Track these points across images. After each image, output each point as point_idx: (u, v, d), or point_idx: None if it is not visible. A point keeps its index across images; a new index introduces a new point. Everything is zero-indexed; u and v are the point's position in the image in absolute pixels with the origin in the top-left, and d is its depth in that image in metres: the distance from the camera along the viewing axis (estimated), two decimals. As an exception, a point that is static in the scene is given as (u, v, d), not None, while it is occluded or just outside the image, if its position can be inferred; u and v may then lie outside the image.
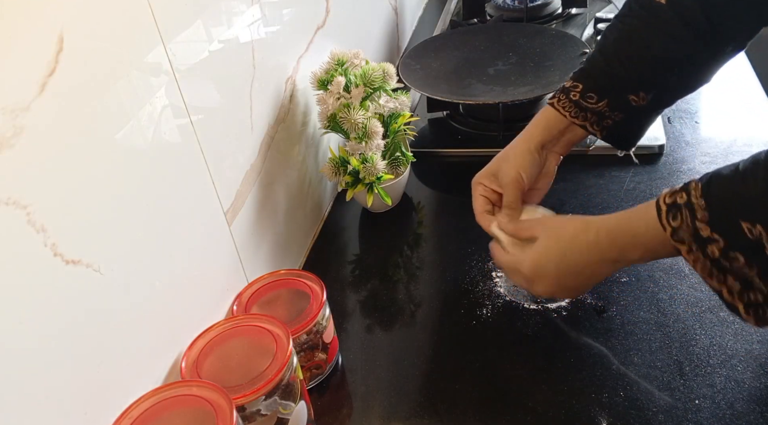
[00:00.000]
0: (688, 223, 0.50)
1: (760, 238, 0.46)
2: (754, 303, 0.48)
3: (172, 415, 0.52)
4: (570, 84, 0.69)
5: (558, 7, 1.42)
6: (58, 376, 0.46)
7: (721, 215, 0.48)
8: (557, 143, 0.72)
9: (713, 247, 0.48)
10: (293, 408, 0.60)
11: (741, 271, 0.48)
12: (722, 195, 0.49)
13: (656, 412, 0.61)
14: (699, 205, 0.49)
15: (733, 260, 0.48)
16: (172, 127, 0.59)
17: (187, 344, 0.61)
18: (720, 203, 0.49)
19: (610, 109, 0.67)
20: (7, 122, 0.41)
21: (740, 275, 0.48)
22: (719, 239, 0.48)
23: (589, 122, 0.68)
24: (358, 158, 0.86)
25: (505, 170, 0.70)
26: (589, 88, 0.67)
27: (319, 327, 0.67)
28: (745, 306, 0.49)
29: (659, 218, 0.52)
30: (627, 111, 0.67)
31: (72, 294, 0.47)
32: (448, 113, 1.13)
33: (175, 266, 0.60)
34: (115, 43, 0.51)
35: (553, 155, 0.73)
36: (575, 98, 0.68)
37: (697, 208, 0.49)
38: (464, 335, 0.73)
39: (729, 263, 0.48)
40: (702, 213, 0.49)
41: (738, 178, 0.49)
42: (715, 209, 0.49)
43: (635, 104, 0.67)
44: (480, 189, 0.73)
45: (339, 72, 0.86)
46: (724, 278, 0.49)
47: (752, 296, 0.48)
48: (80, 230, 0.48)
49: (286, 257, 0.85)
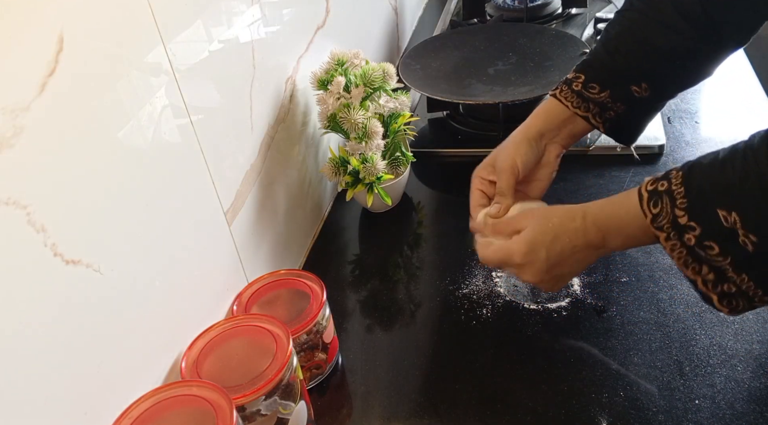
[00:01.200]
0: (668, 210, 0.51)
1: (734, 226, 0.47)
2: (727, 294, 0.50)
3: (172, 415, 0.52)
4: (572, 75, 0.69)
5: (558, 7, 1.42)
6: (58, 376, 0.46)
7: (699, 203, 0.49)
8: (558, 134, 0.72)
9: (690, 235, 0.49)
10: (293, 408, 0.60)
11: (715, 260, 0.49)
12: (701, 183, 0.50)
13: (656, 412, 0.61)
14: (678, 193, 0.50)
15: (708, 248, 0.49)
16: (172, 127, 0.59)
17: (187, 344, 0.61)
18: (699, 190, 0.50)
19: (612, 100, 0.67)
20: (7, 121, 0.41)
21: (714, 265, 0.49)
22: (696, 227, 0.49)
23: (591, 113, 0.69)
24: (358, 158, 0.86)
25: (501, 158, 0.70)
26: (591, 79, 0.68)
27: (319, 327, 0.67)
28: (719, 297, 0.50)
29: (641, 205, 0.53)
30: (629, 102, 0.67)
31: (72, 294, 0.47)
32: (448, 113, 1.13)
33: (175, 266, 0.60)
34: (115, 43, 0.51)
35: (554, 146, 0.72)
36: (577, 89, 0.68)
37: (677, 196, 0.50)
38: (464, 335, 0.73)
39: (704, 252, 0.49)
40: (681, 200, 0.50)
41: (717, 166, 0.50)
42: (693, 196, 0.50)
43: (637, 96, 0.67)
44: (477, 182, 0.73)
45: (339, 72, 0.86)
46: (699, 268, 0.50)
47: (726, 287, 0.49)
48: (80, 230, 0.48)
49: (286, 257, 0.85)
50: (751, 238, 0.47)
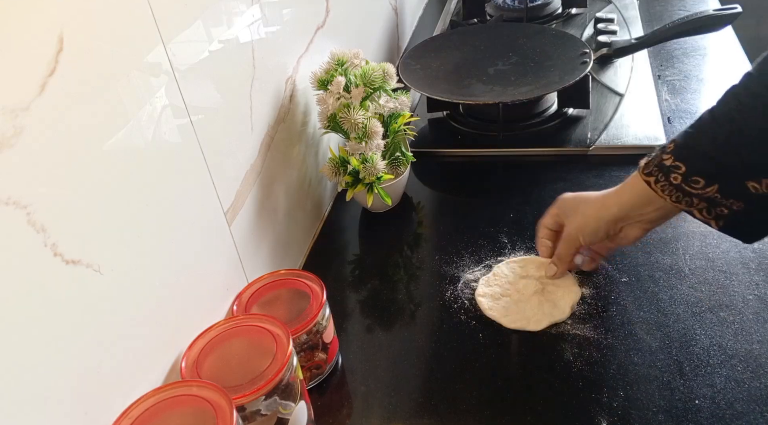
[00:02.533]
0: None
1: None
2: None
3: (172, 415, 0.52)
4: (670, 160, 0.58)
5: (558, 7, 1.42)
6: (58, 376, 0.46)
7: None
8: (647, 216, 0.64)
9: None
10: (293, 408, 0.60)
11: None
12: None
13: (656, 412, 0.61)
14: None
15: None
16: (172, 127, 0.59)
17: (187, 344, 0.61)
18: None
19: (723, 196, 0.56)
20: (7, 121, 0.41)
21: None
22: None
23: (697, 208, 0.58)
24: (358, 158, 0.86)
25: (571, 223, 0.71)
26: (694, 172, 0.57)
27: (319, 327, 0.67)
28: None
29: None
30: (746, 199, 0.55)
31: (72, 294, 0.47)
32: (448, 113, 1.13)
33: (175, 266, 0.60)
34: (115, 43, 0.51)
35: (635, 227, 0.66)
36: (677, 182, 0.58)
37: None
38: (464, 335, 0.73)
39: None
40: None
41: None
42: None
43: (755, 192, 0.54)
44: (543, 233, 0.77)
45: (339, 72, 0.86)
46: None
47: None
48: (80, 230, 0.48)
49: (286, 257, 0.85)
50: None
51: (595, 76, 1.15)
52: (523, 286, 0.76)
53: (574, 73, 1.02)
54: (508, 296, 0.75)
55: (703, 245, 0.79)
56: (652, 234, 0.82)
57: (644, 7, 1.42)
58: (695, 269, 0.76)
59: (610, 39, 1.20)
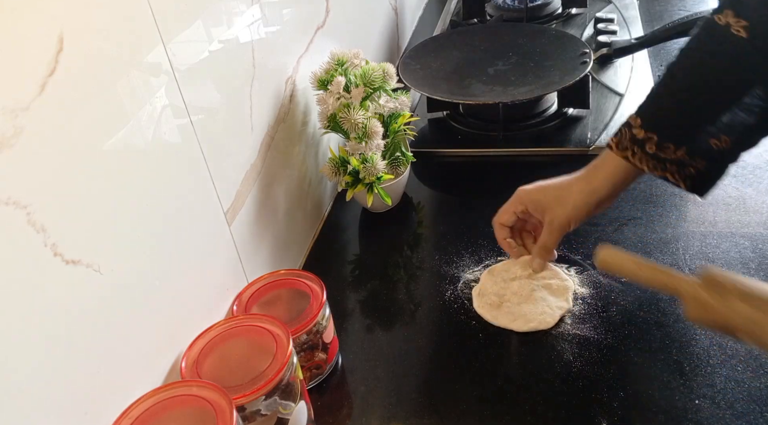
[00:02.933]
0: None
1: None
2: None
3: (172, 415, 0.52)
4: (642, 134, 0.63)
5: (558, 7, 1.42)
6: (58, 376, 0.46)
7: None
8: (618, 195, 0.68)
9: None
10: (293, 408, 0.60)
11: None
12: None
13: (656, 412, 0.61)
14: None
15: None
16: (172, 127, 0.59)
17: (187, 344, 0.61)
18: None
19: (690, 156, 0.61)
20: (7, 121, 0.41)
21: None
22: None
23: (670, 172, 0.62)
24: (358, 158, 0.86)
25: (558, 215, 0.69)
26: (664, 138, 0.61)
27: (319, 327, 0.67)
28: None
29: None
30: (708, 156, 0.60)
31: (72, 294, 0.47)
32: (448, 113, 1.13)
33: (175, 266, 0.60)
34: (115, 43, 0.51)
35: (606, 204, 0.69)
36: (652, 151, 0.62)
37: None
38: (464, 335, 0.73)
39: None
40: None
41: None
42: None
43: (717, 148, 0.59)
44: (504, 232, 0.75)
45: (339, 72, 0.86)
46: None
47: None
48: (80, 230, 0.48)
49: (286, 257, 0.85)
50: None
51: (595, 76, 1.15)
52: (518, 287, 0.75)
53: (574, 73, 1.02)
54: (508, 301, 0.74)
55: (703, 245, 0.79)
56: (653, 234, 0.82)
57: (644, 7, 1.42)
58: (695, 269, 0.76)
59: (610, 39, 1.20)
